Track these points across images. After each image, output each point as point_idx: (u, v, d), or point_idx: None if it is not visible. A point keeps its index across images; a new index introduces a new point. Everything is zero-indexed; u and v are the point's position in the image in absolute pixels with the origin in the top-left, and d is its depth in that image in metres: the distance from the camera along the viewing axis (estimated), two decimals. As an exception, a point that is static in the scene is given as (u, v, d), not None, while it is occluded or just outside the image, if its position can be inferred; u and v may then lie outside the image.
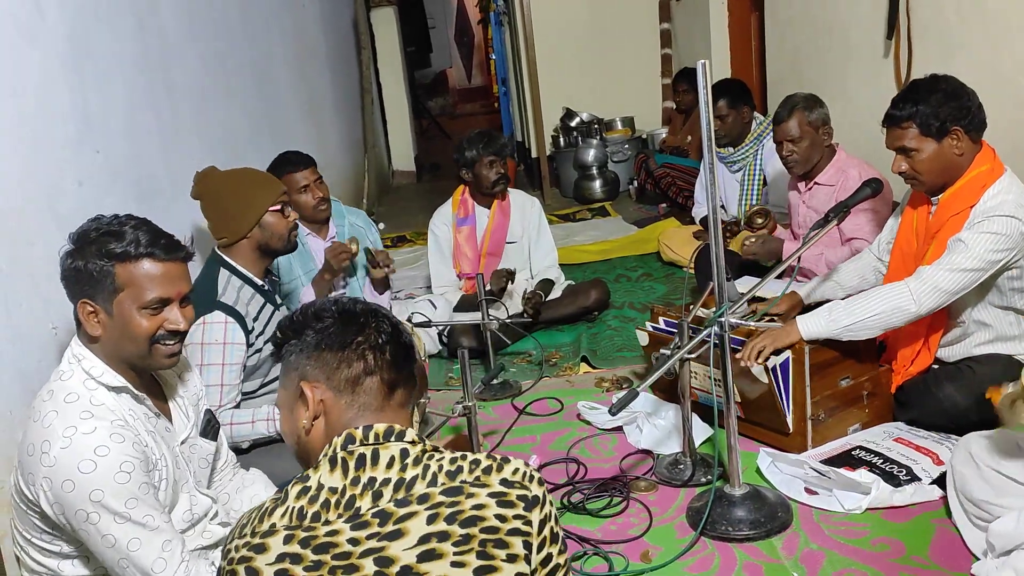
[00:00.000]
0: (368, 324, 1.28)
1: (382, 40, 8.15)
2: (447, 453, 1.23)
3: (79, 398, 1.57)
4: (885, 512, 2.18)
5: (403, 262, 5.15)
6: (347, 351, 1.26)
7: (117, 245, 1.60)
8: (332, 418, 1.26)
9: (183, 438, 1.77)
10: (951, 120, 2.27)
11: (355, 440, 1.21)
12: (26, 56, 2.07)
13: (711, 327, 2.17)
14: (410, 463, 1.19)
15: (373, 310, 1.31)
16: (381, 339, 1.27)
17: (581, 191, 6.40)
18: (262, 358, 2.37)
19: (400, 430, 1.23)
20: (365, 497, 1.16)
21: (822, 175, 3.23)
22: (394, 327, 1.31)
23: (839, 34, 4.02)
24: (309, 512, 1.16)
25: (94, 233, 1.62)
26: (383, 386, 1.26)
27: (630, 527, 2.27)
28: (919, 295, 2.27)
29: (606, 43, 6.84)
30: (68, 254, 1.62)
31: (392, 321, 1.31)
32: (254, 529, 1.17)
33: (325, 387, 1.26)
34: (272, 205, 2.36)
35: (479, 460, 1.22)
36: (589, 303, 3.78)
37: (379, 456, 1.19)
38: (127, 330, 1.61)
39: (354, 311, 1.30)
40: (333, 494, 1.17)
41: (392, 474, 1.18)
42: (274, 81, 4.52)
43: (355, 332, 1.27)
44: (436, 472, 1.19)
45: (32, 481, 1.53)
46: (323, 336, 1.27)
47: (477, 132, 3.72)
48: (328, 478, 1.18)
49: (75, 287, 1.62)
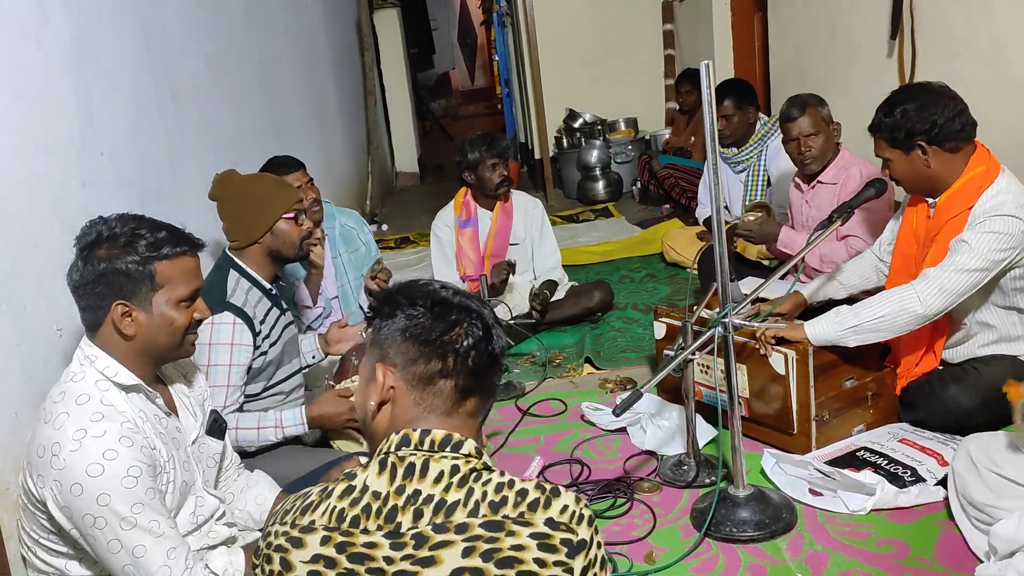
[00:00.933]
0: (459, 323, 1.21)
1: (385, 42, 8.17)
2: (495, 475, 1.15)
3: (90, 399, 1.57)
4: (890, 513, 2.18)
5: (406, 263, 5.16)
6: (429, 347, 1.20)
7: (155, 244, 1.63)
8: (398, 409, 1.22)
9: (193, 438, 1.77)
10: (916, 134, 2.30)
11: (410, 443, 1.16)
12: (30, 58, 2.07)
13: (715, 328, 2.17)
14: (455, 483, 1.13)
15: (470, 307, 1.24)
16: (467, 342, 1.21)
17: (584, 192, 6.40)
18: (266, 361, 2.37)
19: (458, 440, 1.17)
20: (407, 512, 1.12)
21: (825, 173, 3.23)
22: (486, 331, 1.23)
23: (842, 34, 4.02)
24: (349, 515, 1.13)
25: (123, 237, 1.63)
26: (455, 392, 1.20)
27: (634, 528, 2.27)
28: (925, 297, 2.27)
29: (609, 44, 6.85)
30: (97, 259, 1.61)
31: (486, 324, 1.24)
32: (295, 521, 1.14)
33: (399, 376, 1.21)
34: (286, 212, 2.38)
35: (527, 491, 1.14)
36: (593, 304, 3.78)
37: (428, 468, 1.14)
38: (165, 325, 1.66)
39: (450, 304, 1.23)
40: (376, 499, 1.13)
41: (436, 491, 1.13)
42: (278, 83, 4.53)
43: (443, 329, 1.21)
44: (479, 500, 1.12)
45: (41, 483, 1.53)
46: (411, 323, 1.21)
47: (479, 134, 3.71)
48: (374, 481, 1.15)
49: (109, 290, 1.61)
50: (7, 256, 1.86)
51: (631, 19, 6.82)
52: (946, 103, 2.30)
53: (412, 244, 5.74)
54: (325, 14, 6.13)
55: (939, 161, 2.31)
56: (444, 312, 1.22)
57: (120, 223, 1.65)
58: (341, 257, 3.36)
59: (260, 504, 1.95)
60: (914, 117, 2.29)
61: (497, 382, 1.27)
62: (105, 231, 1.64)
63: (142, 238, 1.63)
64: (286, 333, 2.46)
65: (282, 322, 2.43)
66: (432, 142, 10.47)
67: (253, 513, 1.94)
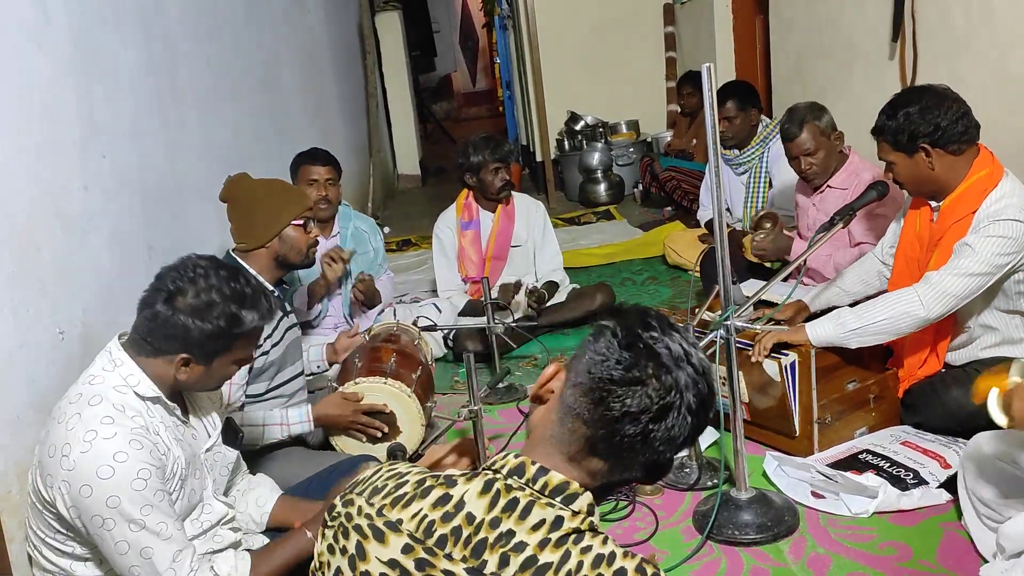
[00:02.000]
0: (638, 382, 1.03)
1: (387, 44, 8.17)
2: (597, 543, 1.02)
3: (103, 401, 1.58)
4: (892, 516, 2.17)
5: (408, 266, 5.16)
6: (594, 384, 1.05)
7: (238, 321, 1.63)
8: (544, 416, 1.11)
9: (208, 446, 1.78)
10: (919, 136, 2.29)
11: (523, 475, 1.06)
12: (33, 61, 2.07)
13: (717, 330, 2.17)
14: (552, 542, 1.02)
15: (669, 373, 1.04)
16: (628, 406, 1.03)
17: (586, 194, 6.40)
18: (268, 361, 2.38)
19: (573, 492, 1.05)
20: (495, 553, 1.02)
21: (834, 179, 3.21)
22: (661, 410, 1.03)
23: (844, 36, 4.01)
24: (438, 532, 1.04)
25: (222, 307, 1.61)
26: (586, 444, 1.06)
27: (636, 531, 2.27)
28: (928, 300, 2.27)
29: (610, 46, 6.85)
30: (178, 311, 1.59)
31: (666, 404, 1.03)
32: (383, 509, 1.08)
33: (560, 387, 1.10)
34: (295, 219, 2.39)
35: (625, 571, 1.01)
36: (594, 307, 3.78)
37: (531, 511, 1.03)
38: (217, 378, 1.72)
39: (648, 356, 1.04)
40: (468, 524, 1.04)
41: (531, 540, 1.02)
42: (280, 85, 4.54)
43: (619, 380, 1.04)
44: (572, 570, 1.00)
45: (51, 483, 1.54)
46: (604, 349, 1.06)
47: (482, 137, 3.72)
48: (474, 501, 1.05)
49: (180, 345, 1.61)
50: (9, 258, 1.86)
51: (632, 22, 6.82)
52: (949, 105, 2.29)
53: (414, 246, 5.74)
54: (326, 16, 6.14)
55: (943, 164, 2.31)
56: (634, 362, 1.04)
57: (218, 276, 1.64)
58: None
59: (261, 506, 1.95)
60: (917, 120, 2.28)
61: (642, 463, 1.08)
62: (201, 286, 1.62)
63: (239, 312, 1.63)
64: (289, 335, 2.46)
65: (284, 324, 2.44)
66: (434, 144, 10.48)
67: (254, 515, 1.94)
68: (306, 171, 3.30)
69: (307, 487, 2.06)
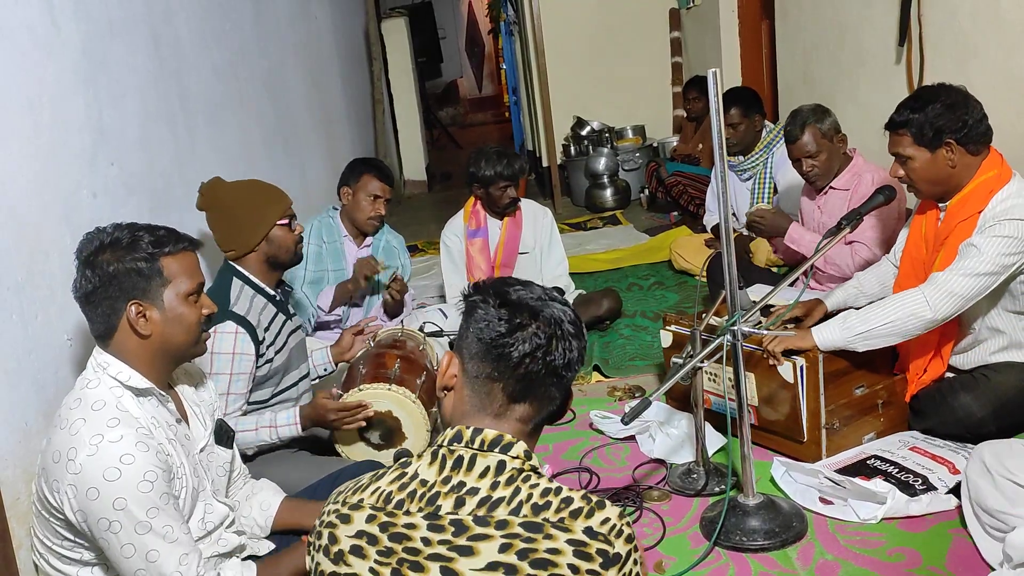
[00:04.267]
0: (521, 327, 1.22)
1: (393, 51, 8.19)
2: (543, 481, 1.18)
3: (106, 405, 1.58)
4: (901, 522, 2.16)
5: (415, 272, 5.16)
6: (486, 347, 1.22)
7: (157, 242, 1.66)
8: (456, 400, 1.26)
9: (201, 446, 1.78)
10: (946, 132, 2.27)
11: (462, 439, 1.20)
12: (42, 69, 2.09)
13: (724, 336, 2.16)
14: (502, 482, 1.17)
15: (541, 313, 1.23)
16: (522, 348, 1.21)
17: (592, 200, 6.40)
18: (273, 368, 2.38)
19: (509, 442, 1.20)
20: (449, 499, 1.16)
21: (837, 180, 3.22)
22: (548, 340, 1.22)
23: (850, 40, 4.01)
24: (395, 498, 1.18)
25: (125, 238, 1.66)
26: (504, 395, 1.23)
27: (644, 537, 2.26)
28: (934, 301, 2.26)
29: (616, 52, 6.85)
30: (104, 263, 1.63)
31: (551, 333, 1.23)
32: (345, 499, 1.21)
33: (461, 367, 1.26)
34: (280, 219, 2.38)
35: (572, 499, 1.16)
36: (601, 312, 3.77)
37: (475, 463, 1.18)
38: (178, 320, 1.68)
39: (520, 306, 1.23)
40: (422, 486, 1.18)
41: (482, 485, 1.17)
42: (287, 92, 4.55)
43: (506, 332, 1.21)
44: (523, 501, 1.15)
45: (56, 488, 1.54)
46: (483, 317, 1.23)
47: (495, 151, 3.67)
48: (425, 470, 1.20)
49: (121, 291, 1.63)
50: (18, 265, 1.87)
51: (638, 27, 6.82)
52: (974, 104, 2.28)
53: (420, 252, 5.74)
54: (333, 23, 6.16)
55: (962, 163, 2.30)
56: (512, 314, 1.22)
57: (117, 229, 1.68)
58: None
59: (265, 510, 1.95)
60: (946, 115, 2.26)
61: (557, 394, 1.26)
62: (105, 238, 1.66)
63: (143, 238, 1.67)
64: (292, 339, 2.46)
65: (288, 328, 2.44)
66: (440, 150, 10.49)
67: (258, 519, 1.94)
68: (370, 184, 3.37)
69: (312, 493, 2.06)
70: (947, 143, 2.28)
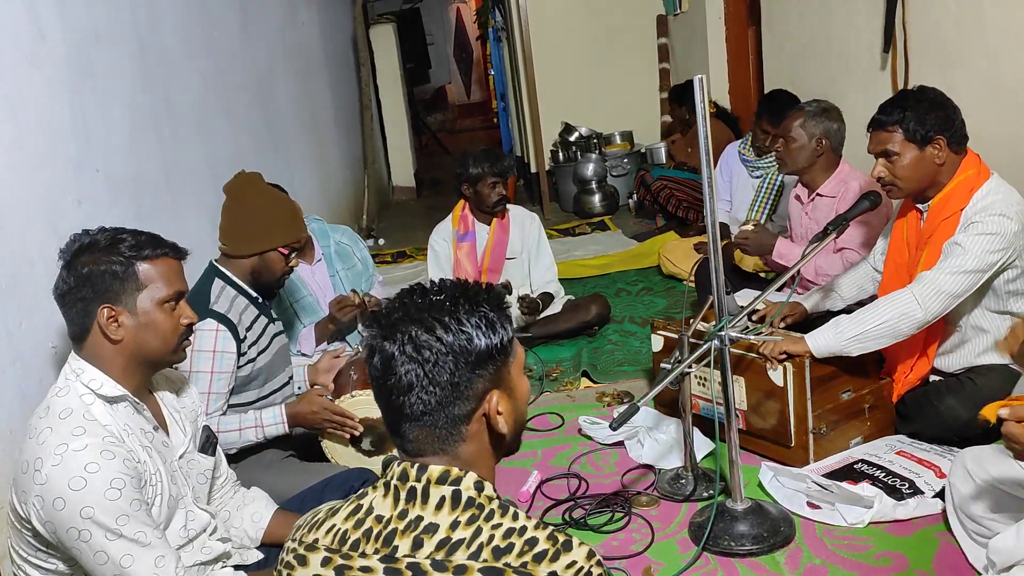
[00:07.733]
0: (393, 359, 1.12)
1: (381, 57, 8.19)
2: (506, 520, 1.10)
3: (73, 413, 1.57)
4: (888, 526, 2.17)
5: (403, 278, 5.16)
6: (381, 392, 1.15)
7: (136, 246, 1.65)
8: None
9: (181, 452, 1.76)
10: (936, 129, 2.32)
11: (407, 478, 1.13)
12: (27, 77, 2.08)
13: (711, 340, 2.17)
14: (463, 521, 1.09)
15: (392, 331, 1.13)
16: (405, 379, 1.11)
17: (581, 205, 6.41)
18: (256, 368, 2.36)
19: (456, 476, 1.12)
20: (406, 538, 1.09)
21: (824, 187, 3.23)
22: (370, 352, 1.14)
23: (836, 47, 4.04)
24: (351, 538, 1.12)
25: (104, 240, 1.65)
26: (431, 438, 1.14)
27: (632, 543, 2.26)
28: (924, 300, 2.28)
29: (604, 58, 6.88)
30: (80, 264, 1.62)
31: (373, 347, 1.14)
32: (301, 538, 1.16)
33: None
34: (283, 246, 2.38)
35: (536, 540, 1.08)
36: (589, 318, 3.78)
37: (429, 494, 1.11)
38: (151, 327, 1.65)
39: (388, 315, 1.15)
40: (378, 523, 1.12)
41: (440, 522, 1.09)
42: (275, 99, 4.54)
43: (384, 373, 1.13)
44: (484, 543, 1.08)
45: (25, 499, 1.53)
46: (370, 363, 1.15)
47: (482, 150, 3.70)
48: (380, 503, 1.13)
49: (94, 293, 1.62)
50: (2, 273, 1.86)
51: (626, 33, 6.85)
52: (955, 107, 2.35)
53: (409, 258, 5.74)
54: (321, 30, 6.16)
55: (948, 161, 2.35)
56: (370, 351, 1.15)
57: (101, 232, 1.68)
58: (339, 274, 3.34)
59: (256, 522, 1.94)
60: (937, 113, 2.32)
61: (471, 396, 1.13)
62: (86, 239, 1.65)
63: (123, 241, 1.66)
64: (276, 342, 2.45)
65: (271, 330, 2.42)
66: (428, 156, 10.49)
67: (249, 531, 1.93)
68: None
69: (301, 500, 2.05)
70: (936, 141, 2.32)
